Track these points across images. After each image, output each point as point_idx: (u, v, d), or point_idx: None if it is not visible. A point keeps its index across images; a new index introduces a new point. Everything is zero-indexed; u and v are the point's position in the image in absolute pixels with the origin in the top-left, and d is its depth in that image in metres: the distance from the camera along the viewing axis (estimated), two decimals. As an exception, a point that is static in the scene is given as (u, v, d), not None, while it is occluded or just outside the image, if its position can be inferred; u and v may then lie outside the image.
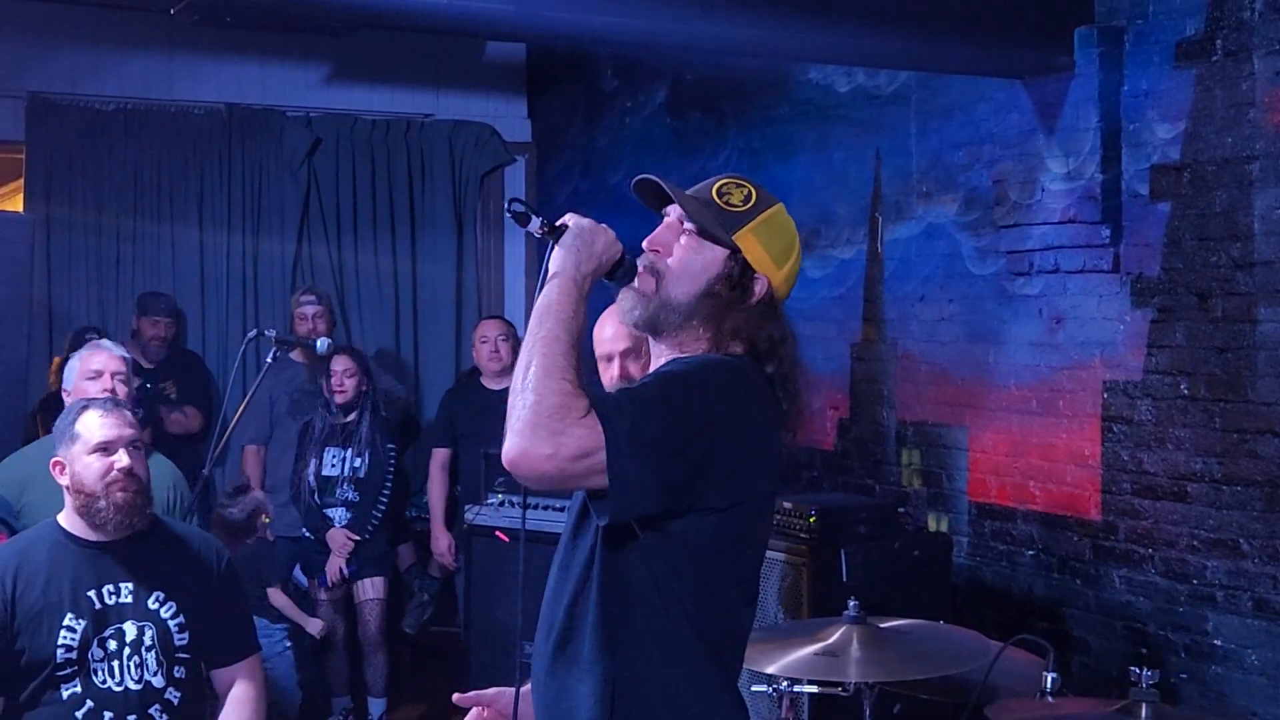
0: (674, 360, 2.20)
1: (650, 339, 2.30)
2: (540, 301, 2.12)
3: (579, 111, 7.95)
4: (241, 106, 7.57)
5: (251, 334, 4.77)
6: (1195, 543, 4.30)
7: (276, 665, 5.80)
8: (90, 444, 3.37)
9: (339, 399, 6.11)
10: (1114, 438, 4.58)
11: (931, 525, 5.32)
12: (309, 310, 6.73)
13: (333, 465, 6.15)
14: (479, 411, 6.35)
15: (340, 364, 6.12)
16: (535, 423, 1.99)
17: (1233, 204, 4.17)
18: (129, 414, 3.48)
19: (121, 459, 3.37)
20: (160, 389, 6.68)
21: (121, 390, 4.18)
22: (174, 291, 7.35)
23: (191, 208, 7.50)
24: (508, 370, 6.34)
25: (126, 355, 4.38)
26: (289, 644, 5.89)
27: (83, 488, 3.37)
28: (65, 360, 6.33)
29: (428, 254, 7.92)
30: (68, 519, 3.44)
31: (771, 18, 4.40)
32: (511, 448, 2.00)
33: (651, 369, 2.28)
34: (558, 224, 2.18)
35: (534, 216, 2.15)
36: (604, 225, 2.20)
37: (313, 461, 6.16)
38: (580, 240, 2.16)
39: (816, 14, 4.43)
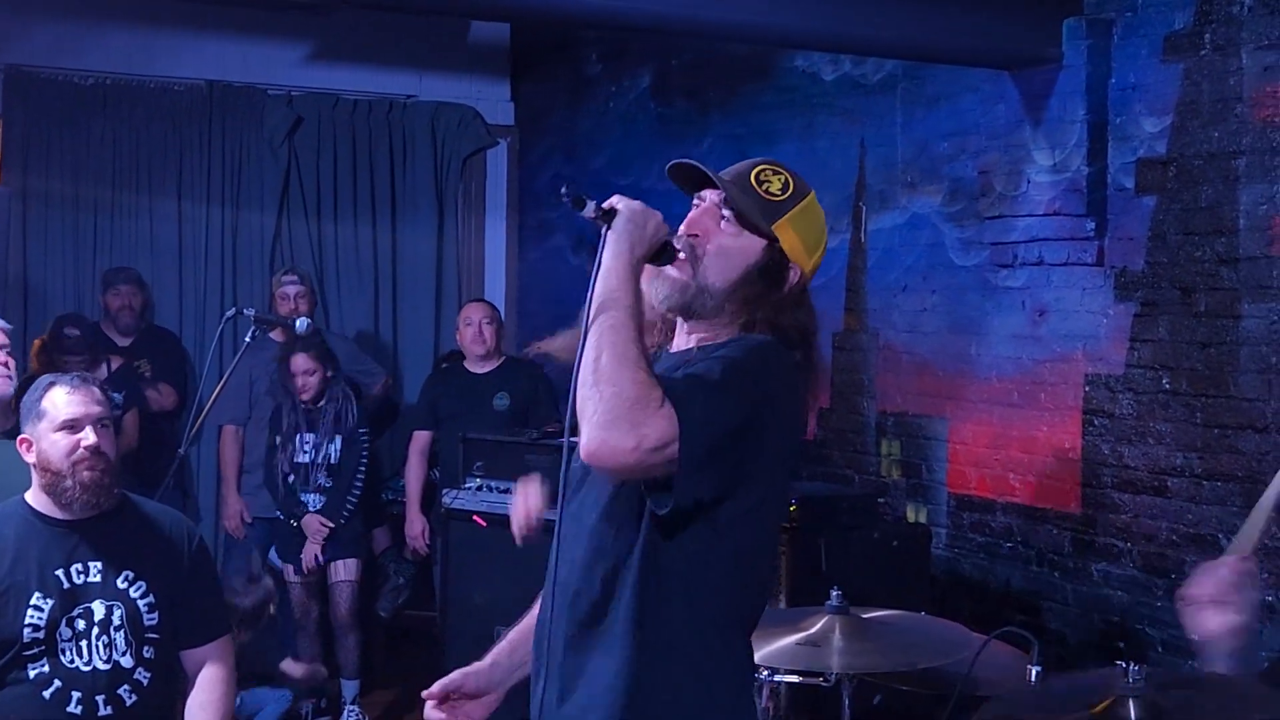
0: (729, 345, 2.20)
1: (680, 320, 2.30)
2: (600, 289, 2.09)
3: (562, 96, 7.90)
4: (222, 84, 7.49)
5: (230, 312, 4.71)
6: (1174, 537, 4.29)
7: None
8: (57, 421, 3.32)
9: (305, 397, 6.05)
10: (1095, 431, 4.57)
11: (910, 516, 5.31)
12: (290, 290, 6.65)
13: (305, 452, 6.09)
14: (462, 395, 6.30)
15: (300, 364, 5.99)
16: (617, 415, 1.98)
17: (1218, 199, 4.16)
18: (97, 390, 3.43)
19: (88, 437, 3.31)
20: (135, 367, 6.61)
21: (11, 362, 4.05)
22: (152, 268, 7.28)
23: (171, 185, 7.43)
24: (492, 354, 6.30)
25: (7, 325, 4.16)
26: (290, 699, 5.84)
27: (49, 466, 3.32)
28: (45, 344, 6.28)
29: (408, 235, 7.86)
30: (35, 497, 3.38)
31: (757, 2, 4.37)
32: (592, 440, 1.99)
33: (680, 347, 2.29)
34: (606, 206, 2.15)
35: (588, 201, 2.14)
36: (653, 209, 2.18)
37: (286, 448, 6.11)
38: (633, 224, 2.14)
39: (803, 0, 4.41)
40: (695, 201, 2.32)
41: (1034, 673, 2.70)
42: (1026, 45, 4.63)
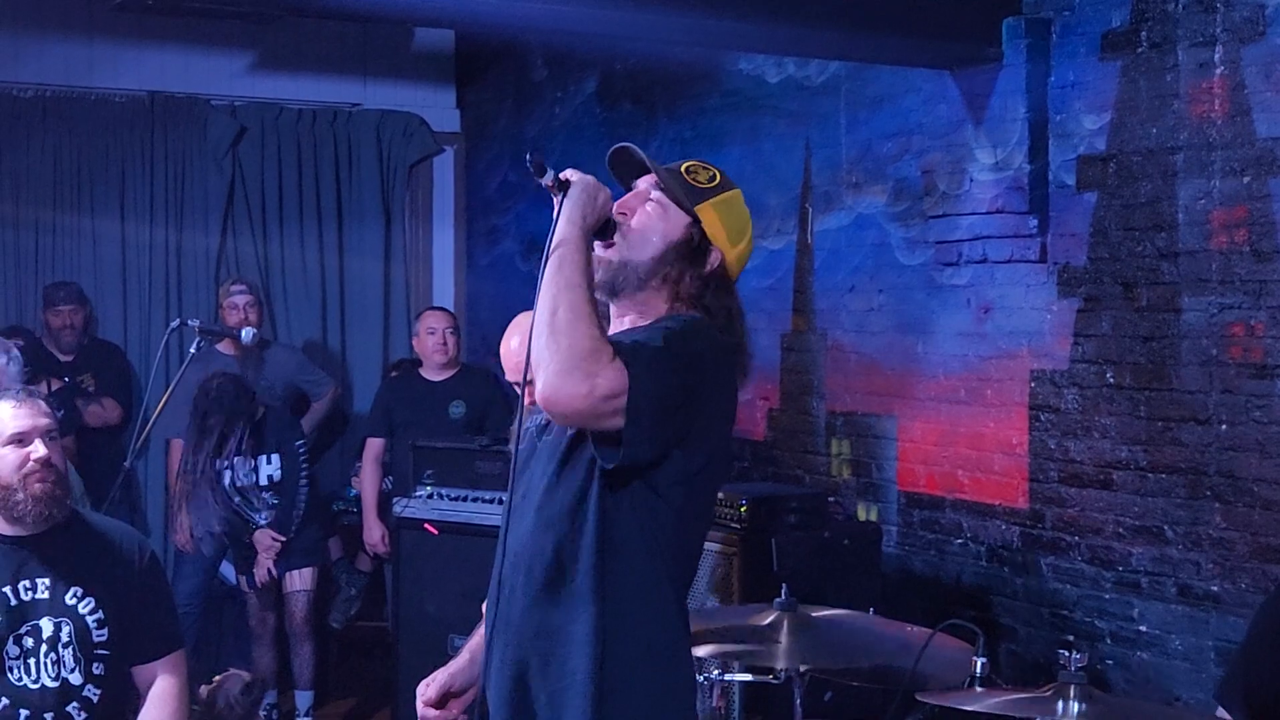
0: (665, 319, 2.36)
1: (612, 306, 2.45)
2: (556, 251, 2.26)
3: (508, 102, 7.89)
4: (164, 94, 7.43)
5: (174, 324, 4.69)
6: (1120, 530, 4.34)
7: None
8: (4, 435, 3.29)
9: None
10: (1041, 426, 4.61)
11: (861, 515, 5.34)
12: (240, 300, 6.60)
13: (246, 475, 5.98)
14: (417, 403, 6.29)
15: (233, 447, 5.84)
16: (571, 364, 2.13)
17: (1157, 194, 4.21)
18: (43, 403, 3.40)
19: (38, 449, 3.28)
20: (78, 382, 6.53)
21: None
22: (95, 282, 7.21)
23: (113, 198, 7.36)
24: (453, 363, 6.29)
25: None
26: None
27: (-1, 480, 3.29)
28: None
29: (355, 244, 7.83)
30: (-17, 514, 3.35)
31: (701, 6, 4.39)
32: (547, 386, 2.15)
33: (613, 331, 2.41)
34: (563, 177, 2.33)
35: (548, 170, 2.31)
36: (601, 184, 2.36)
37: (226, 474, 5.97)
38: (586, 195, 2.32)
39: (746, 3, 4.42)
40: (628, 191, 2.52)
41: (979, 664, 2.73)
42: (967, 45, 4.67)
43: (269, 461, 5.98)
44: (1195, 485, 4.11)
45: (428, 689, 2.60)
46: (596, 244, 2.38)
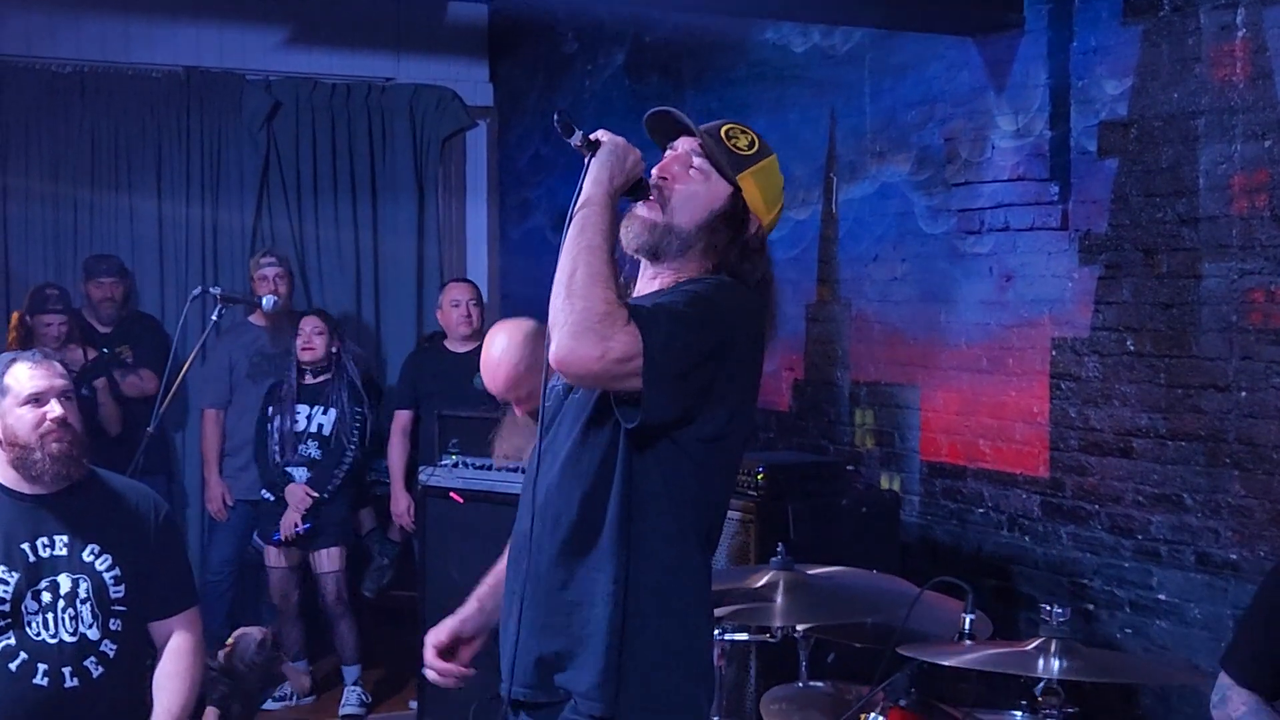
0: (694, 281, 2.37)
1: (647, 262, 2.46)
2: (580, 212, 2.28)
3: (540, 75, 7.91)
4: (200, 70, 7.51)
5: (196, 292, 4.75)
6: (1140, 498, 4.31)
7: None
8: (21, 396, 3.35)
9: (307, 356, 6.14)
10: (1062, 395, 4.59)
11: (884, 484, 5.32)
12: (269, 271, 6.69)
13: (297, 422, 6.15)
14: (442, 374, 6.34)
15: (309, 324, 6.19)
16: (585, 326, 2.14)
17: (1178, 160, 4.17)
18: (59, 365, 3.46)
19: (54, 409, 3.35)
20: (116, 353, 6.63)
21: None
22: (132, 256, 7.30)
23: (150, 172, 7.45)
24: (477, 334, 6.33)
25: None
26: None
27: (16, 440, 3.35)
28: (24, 316, 6.33)
29: (388, 218, 7.88)
30: (2, 473, 3.42)
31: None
32: (561, 347, 2.17)
33: (644, 291, 2.44)
34: (592, 137, 2.35)
35: (576, 130, 2.33)
36: (632, 145, 2.38)
37: (278, 419, 6.15)
38: (614, 156, 2.34)
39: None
40: (668, 150, 2.52)
41: (968, 621, 2.73)
42: (989, 11, 4.64)
43: (325, 414, 6.12)
44: (1214, 452, 4.08)
45: (437, 635, 2.67)
46: (638, 204, 2.40)
